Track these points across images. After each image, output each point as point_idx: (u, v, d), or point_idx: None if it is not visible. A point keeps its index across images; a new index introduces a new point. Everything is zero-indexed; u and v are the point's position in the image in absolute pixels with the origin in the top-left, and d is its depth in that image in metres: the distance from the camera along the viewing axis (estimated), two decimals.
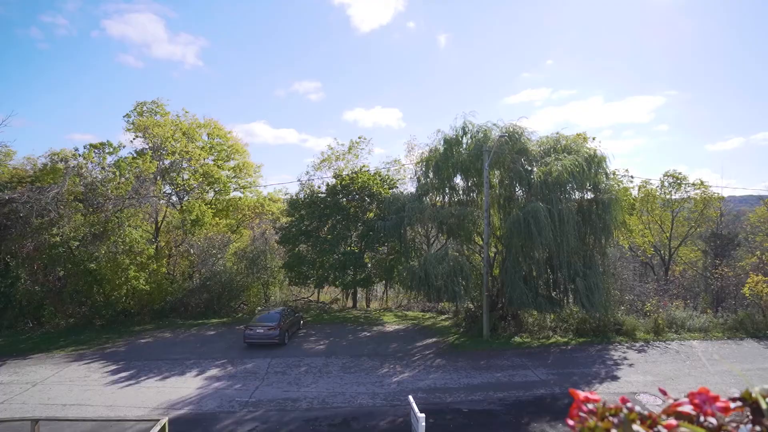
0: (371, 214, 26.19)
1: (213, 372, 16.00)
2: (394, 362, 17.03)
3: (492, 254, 21.32)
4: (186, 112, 29.43)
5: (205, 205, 28.32)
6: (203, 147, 29.61)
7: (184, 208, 26.98)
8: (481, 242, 21.22)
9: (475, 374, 15.54)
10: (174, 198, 29.43)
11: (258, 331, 18.78)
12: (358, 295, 31.05)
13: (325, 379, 15.22)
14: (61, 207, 21.22)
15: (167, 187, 28.23)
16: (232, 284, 26.00)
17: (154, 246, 24.96)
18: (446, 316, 25.35)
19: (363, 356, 17.79)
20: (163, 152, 26.55)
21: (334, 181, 27.08)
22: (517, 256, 18.69)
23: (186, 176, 28.50)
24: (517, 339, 19.61)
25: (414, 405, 10.69)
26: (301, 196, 27.63)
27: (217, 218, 30.00)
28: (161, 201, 26.87)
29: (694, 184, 30.08)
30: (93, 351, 18.62)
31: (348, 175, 26.93)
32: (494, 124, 20.87)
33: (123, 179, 22.98)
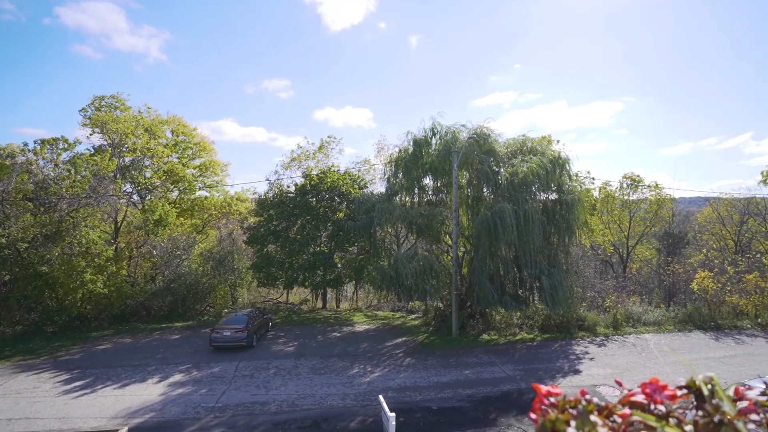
0: (341, 214, 26.07)
1: (177, 377, 15.43)
2: (365, 362, 17.01)
3: (461, 254, 21.69)
4: (149, 108, 28.31)
5: (169, 204, 27.28)
6: (167, 144, 28.53)
7: (147, 207, 25.87)
8: (450, 242, 21.55)
9: (445, 372, 15.76)
10: (135, 197, 28.18)
11: (225, 333, 18.28)
12: (328, 296, 30.84)
13: (294, 381, 15.00)
14: (8, 206, 19.86)
15: (128, 185, 26.99)
16: (198, 286, 25.17)
17: (114, 247, 23.80)
18: (416, 315, 25.58)
19: (333, 357, 17.67)
20: (124, 149, 25.36)
21: (303, 180, 26.78)
22: (485, 255, 19.10)
23: (148, 174, 27.36)
24: (485, 337, 20.04)
25: (384, 404, 10.72)
26: (270, 195, 27.15)
27: (181, 218, 28.97)
28: (121, 200, 25.64)
29: (649, 186, 31.81)
30: (43, 360, 17.50)
31: (317, 174, 26.69)
32: (463, 126, 21.26)
33: (79, 177, 21.75)
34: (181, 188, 29.20)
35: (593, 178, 29.06)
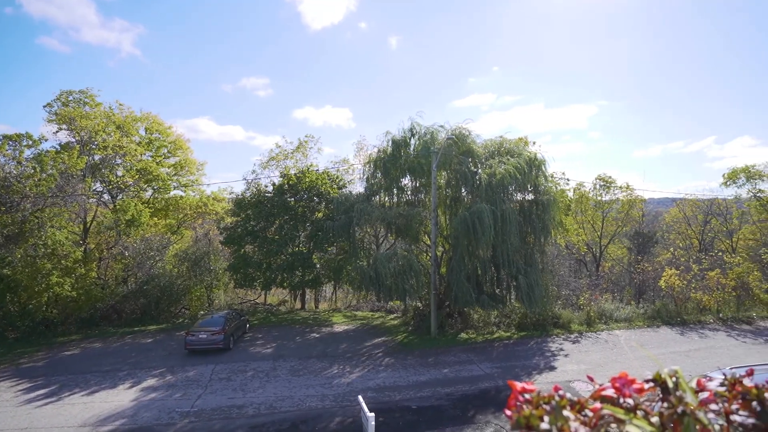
0: (320, 214, 25.90)
1: (150, 382, 14.98)
2: (344, 363, 16.95)
3: (439, 253, 21.88)
4: (120, 104, 27.36)
5: (142, 204, 26.44)
6: (140, 142, 27.66)
7: (118, 207, 24.99)
8: (428, 242, 21.71)
9: (424, 371, 15.87)
10: (106, 196, 27.20)
11: (201, 336, 17.87)
12: (307, 297, 30.57)
13: (272, 384, 14.80)
14: None
15: (98, 184, 26.03)
16: (172, 288, 24.51)
17: (82, 248, 22.91)
18: (395, 315, 25.66)
19: (312, 358, 17.53)
20: (93, 146, 24.43)
21: (281, 180, 26.47)
22: (463, 255, 19.32)
23: (120, 173, 26.46)
24: (463, 335, 20.28)
25: (363, 405, 10.71)
26: (248, 195, 26.72)
27: (155, 218, 28.14)
28: (91, 200, 24.69)
29: (621, 187, 32.89)
30: (4, 368, 16.67)
31: (296, 174, 26.44)
32: (441, 126, 21.45)
33: (45, 175, 20.82)
34: (155, 187, 28.36)
35: (568, 179, 29.84)
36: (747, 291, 23.99)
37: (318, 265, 25.99)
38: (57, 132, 24.84)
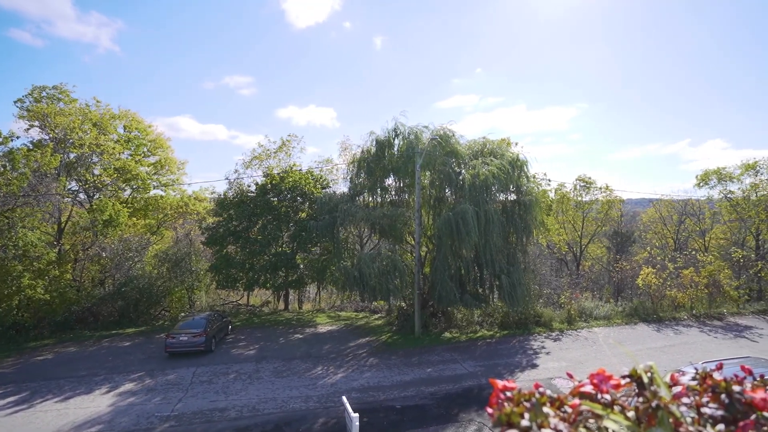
0: (303, 214, 25.72)
1: (128, 386, 14.62)
2: (328, 363, 16.87)
3: (423, 253, 21.99)
4: (98, 101, 26.61)
5: (121, 203, 25.78)
6: (118, 140, 26.96)
7: (95, 207, 24.29)
8: (412, 242, 21.80)
9: (408, 371, 15.92)
10: (82, 196, 26.41)
11: (181, 338, 17.52)
12: (290, 297, 30.32)
13: (255, 386, 14.63)
14: None
15: (73, 183, 25.25)
16: (152, 289, 23.94)
17: (57, 250, 22.19)
18: (379, 315, 25.67)
19: (295, 359, 17.39)
20: (68, 144, 23.69)
21: (264, 179, 26.18)
22: (446, 255, 19.46)
23: (97, 172, 25.71)
24: (447, 335, 20.43)
25: (348, 405, 10.68)
26: (230, 195, 26.35)
27: (134, 218, 27.49)
28: (65, 199, 23.93)
29: (600, 188, 33.68)
30: None
31: (279, 174, 26.20)
32: (425, 127, 21.56)
33: (16, 174, 20.09)
34: (134, 187, 27.69)
35: (549, 180, 30.41)
36: (718, 288, 24.85)
37: (301, 266, 25.80)
38: (29, 129, 24.01)
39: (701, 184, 33.53)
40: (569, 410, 0.97)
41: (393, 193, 23.36)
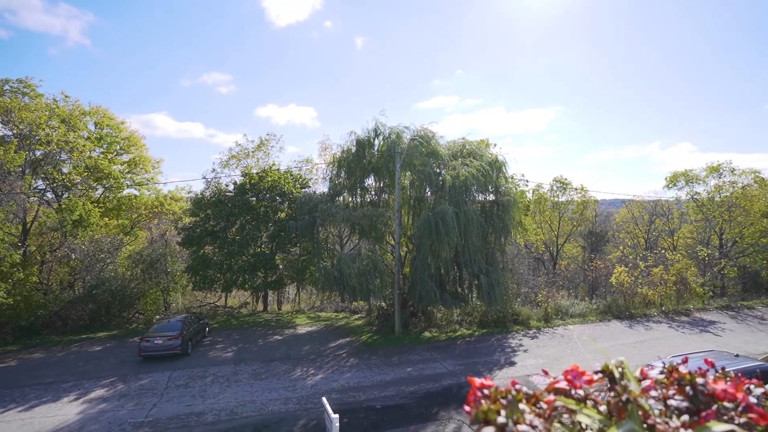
0: (283, 214, 25.44)
1: (98, 393, 14.12)
2: (308, 365, 16.73)
3: (403, 253, 22.08)
4: (66, 96, 25.60)
5: (92, 203, 24.88)
6: (89, 138, 26.02)
7: (64, 206, 23.36)
8: (392, 242, 21.85)
9: (388, 371, 15.95)
10: (49, 195, 25.37)
11: (156, 342, 17.05)
12: (270, 298, 29.94)
13: (233, 388, 14.37)
14: None
15: (39, 181, 24.22)
16: (125, 292, 23.20)
17: (21, 251, 21.23)
18: (359, 315, 25.63)
19: (275, 361, 17.18)
20: (34, 141, 22.70)
21: (243, 179, 25.77)
22: (426, 255, 19.59)
23: (66, 170, 24.74)
24: (427, 334, 20.56)
25: (327, 406, 10.61)
26: (207, 194, 25.83)
27: (106, 218, 26.58)
28: (31, 198, 22.93)
29: (576, 189, 34.57)
30: None
31: (258, 173, 25.84)
32: (406, 127, 21.64)
33: None
34: (107, 186, 26.77)
35: (527, 181, 31.01)
36: (685, 285, 25.86)
37: (281, 266, 25.52)
38: None
39: (670, 186, 34.88)
40: (544, 406, 0.99)
41: (373, 193, 23.36)
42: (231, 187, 25.95)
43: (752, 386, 1.02)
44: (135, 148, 28.29)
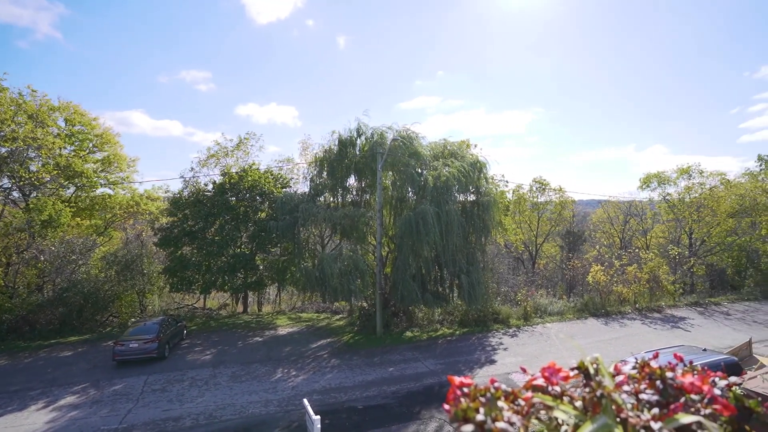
0: (263, 214, 25.12)
1: (69, 399, 13.63)
2: (289, 366, 16.57)
3: (384, 253, 22.12)
4: (33, 90, 24.58)
5: (62, 202, 23.99)
6: (59, 134, 25.08)
7: (32, 206, 22.45)
8: (374, 242, 21.86)
9: (370, 371, 15.94)
10: (16, 194, 24.34)
11: (131, 345, 16.57)
12: (250, 299, 29.52)
13: (212, 392, 14.10)
14: None
15: (5, 180, 23.21)
16: (99, 294, 22.44)
17: None
18: (341, 315, 25.54)
19: (255, 363, 16.94)
20: (0, 137, 21.74)
21: (222, 178, 25.33)
22: (407, 255, 19.67)
23: (34, 168, 23.78)
24: (408, 334, 20.65)
25: (309, 408, 10.53)
26: (186, 194, 25.26)
27: (78, 218, 25.69)
28: None
29: (555, 190, 35.32)
30: None
31: (237, 172, 25.45)
32: (389, 128, 21.68)
33: None
34: (79, 184, 25.86)
35: (507, 182, 31.50)
36: (658, 283, 26.76)
37: (261, 267, 25.19)
38: None
39: (644, 187, 36.05)
40: (522, 403, 1.01)
41: (354, 193, 23.32)
42: (210, 187, 25.47)
43: (717, 379, 1.06)
44: (109, 145, 27.43)
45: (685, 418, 0.91)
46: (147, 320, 19.50)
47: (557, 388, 1.05)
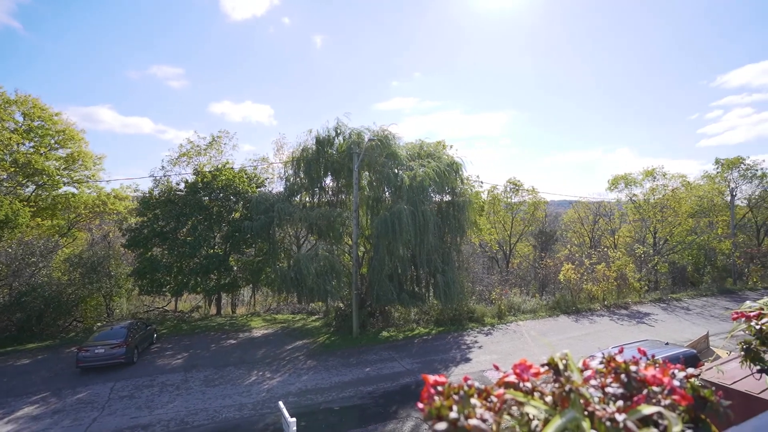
0: (237, 214, 24.63)
1: (27, 410, 12.95)
2: (263, 369, 16.30)
3: (361, 254, 22.09)
4: None
5: (21, 201, 22.80)
6: (16, 129, 23.83)
7: None
8: (350, 243, 21.80)
9: (346, 371, 15.88)
10: None
11: (97, 351, 15.90)
12: (223, 301, 28.88)
13: (184, 397, 13.71)
14: None
15: None
16: (61, 298, 21.42)
17: None
18: (317, 316, 25.33)
19: (228, 366, 16.58)
20: None
21: (195, 177, 24.68)
22: (384, 255, 19.71)
23: None
24: (385, 333, 20.69)
25: (284, 410, 10.39)
26: (156, 193, 24.49)
27: (38, 218, 24.47)
28: None
29: (528, 190, 36.17)
30: None
31: (210, 171, 24.85)
32: (366, 128, 21.67)
33: None
34: (39, 183, 24.64)
35: (482, 182, 32.02)
36: (625, 281, 27.80)
37: (235, 268, 24.68)
38: None
39: (612, 188, 37.41)
40: (495, 400, 1.03)
41: (330, 193, 23.20)
42: (182, 186, 24.77)
43: (676, 371, 1.12)
44: (73, 142, 26.26)
45: (647, 409, 0.95)
46: (114, 324, 18.77)
47: (528, 384, 1.07)
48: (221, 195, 24.59)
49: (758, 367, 2.08)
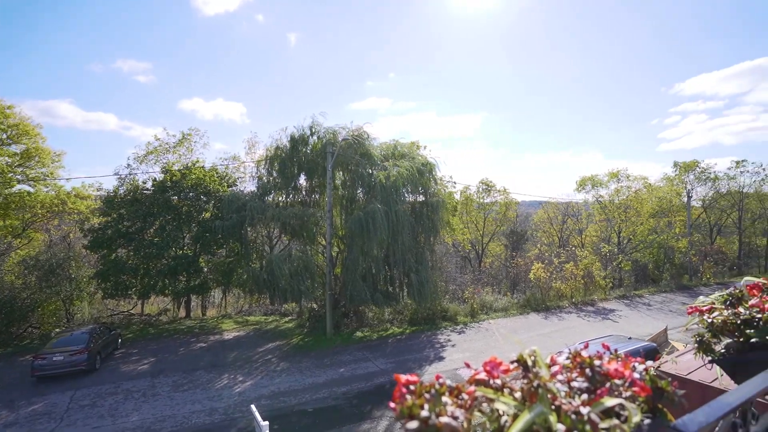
0: (208, 214, 23.98)
1: None
2: (235, 372, 15.95)
3: (335, 254, 21.96)
4: None
5: None
6: None
7: None
8: (324, 243, 21.65)
9: (320, 373, 15.75)
10: None
11: (55, 358, 15.10)
12: (193, 303, 28.05)
13: (150, 404, 13.22)
14: None
15: None
16: (14, 303, 20.19)
17: None
18: (290, 318, 25.00)
19: (198, 370, 16.12)
20: None
21: (163, 176, 23.85)
22: (357, 254, 19.67)
23: None
24: (359, 334, 20.64)
25: (256, 413, 10.20)
26: (121, 192, 23.52)
27: None
28: None
29: (500, 191, 36.97)
30: None
31: (180, 170, 24.09)
32: (342, 128, 21.57)
33: None
34: None
35: (455, 183, 32.53)
36: (591, 279, 28.86)
37: (205, 269, 24.01)
38: None
39: (579, 189, 38.74)
40: (466, 397, 1.04)
41: (304, 192, 22.97)
42: (149, 185, 23.88)
43: (637, 364, 1.17)
44: (28, 137, 24.79)
45: (610, 402, 0.99)
46: (75, 330, 17.88)
47: (498, 381, 1.09)
48: (191, 194, 23.88)
49: (710, 358, 2.20)
